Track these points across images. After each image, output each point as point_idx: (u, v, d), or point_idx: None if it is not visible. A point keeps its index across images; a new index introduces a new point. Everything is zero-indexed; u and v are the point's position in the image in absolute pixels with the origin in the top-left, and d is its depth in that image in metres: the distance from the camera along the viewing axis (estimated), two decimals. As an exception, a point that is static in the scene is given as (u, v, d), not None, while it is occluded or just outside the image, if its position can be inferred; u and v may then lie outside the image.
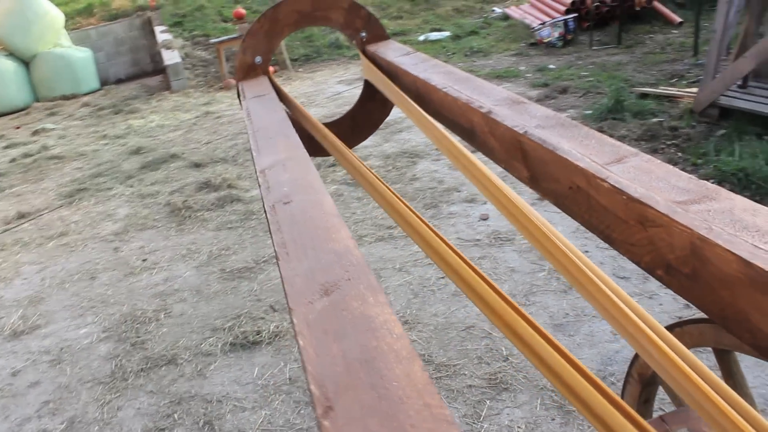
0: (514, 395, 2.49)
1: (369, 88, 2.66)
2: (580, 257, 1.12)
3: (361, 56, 2.60)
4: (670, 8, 8.97)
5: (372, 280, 0.89)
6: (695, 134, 4.53)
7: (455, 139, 1.63)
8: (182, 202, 4.89)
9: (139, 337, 3.28)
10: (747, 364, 1.75)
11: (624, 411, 0.80)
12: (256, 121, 1.92)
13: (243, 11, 9.70)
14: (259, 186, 1.41)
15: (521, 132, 1.30)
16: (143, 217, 4.81)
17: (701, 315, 1.05)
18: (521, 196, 1.34)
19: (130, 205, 5.11)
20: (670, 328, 1.37)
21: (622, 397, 1.75)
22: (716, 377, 0.93)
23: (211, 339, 3.15)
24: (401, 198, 1.56)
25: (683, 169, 3.53)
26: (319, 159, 5.29)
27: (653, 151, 4.38)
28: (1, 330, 3.55)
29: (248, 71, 2.49)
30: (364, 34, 2.57)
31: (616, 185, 1.01)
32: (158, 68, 10.57)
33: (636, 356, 1.56)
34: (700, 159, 4.12)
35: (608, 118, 5.06)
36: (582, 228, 1.29)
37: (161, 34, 10.51)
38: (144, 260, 4.12)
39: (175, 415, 2.68)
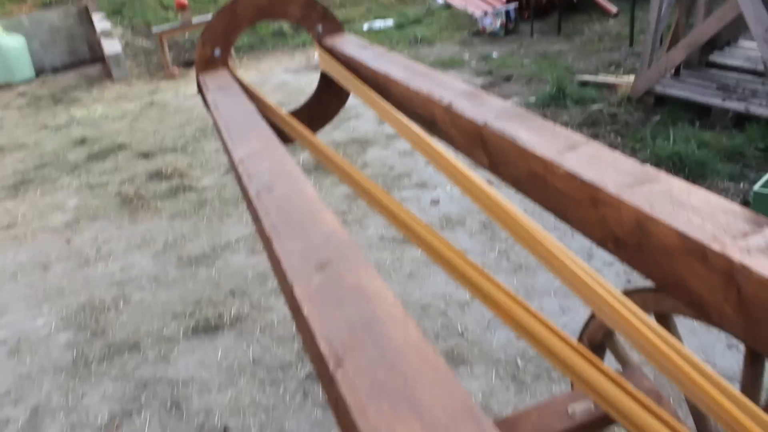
0: (470, 368, 2.64)
1: (325, 79, 2.76)
2: (538, 230, 1.25)
3: (318, 48, 2.68)
4: (607, -1, 9.26)
5: (360, 256, 1.00)
6: (633, 120, 4.76)
7: (416, 128, 1.74)
8: (133, 192, 4.88)
9: (98, 325, 3.30)
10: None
11: (582, 354, 0.94)
12: (224, 113, 2.00)
13: (185, 1, 9.58)
14: (238, 175, 1.50)
15: (481, 123, 1.43)
16: (94, 208, 4.78)
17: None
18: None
19: (79, 196, 5.07)
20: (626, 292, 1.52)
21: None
22: (665, 333, 1.06)
23: (173, 324, 3.20)
24: (365, 177, 1.68)
25: (623, 152, 3.76)
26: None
27: (594, 137, 4.59)
28: (-47, 323, 3.53)
29: (208, 63, 2.55)
30: (320, 28, 2.66)
31: (571, 171, 1.14)
32: (96, 57, 10.35)
33: (586, 324, 1.71)
34: (638, 144, 4.35)
35: (551, 105, 5.26)
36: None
37: (100, 22, 10.29)
38: (98, 250, 4.12)
39: (142, 398, 2.74)
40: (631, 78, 5.23)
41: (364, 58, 2.26)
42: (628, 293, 1.51)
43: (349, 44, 2.49)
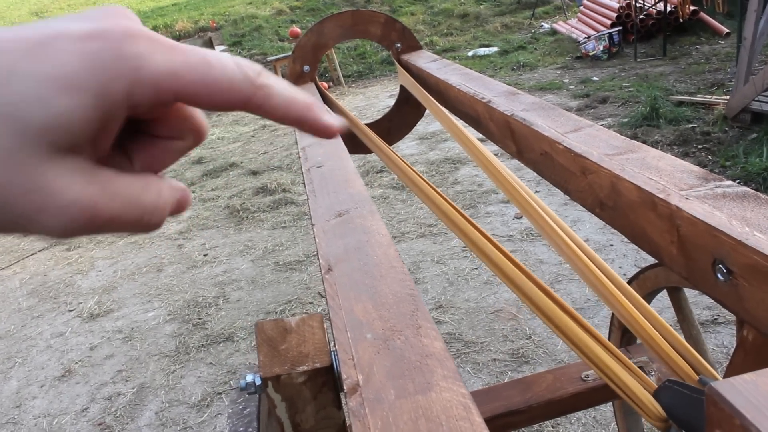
0: (533, 367, 2.75)
1: (404, 93, 2.99)
2: (567, 229, 1.39)
3: (396, 64, 2.92)
4: (718, 20, 9.05)
5: (373, 208, 1.20)
6: (726, 138, 4.70)
7: (466, 129, 1.93)
8: (240, 205, 5.29)
9: (200, 319, 3.65)
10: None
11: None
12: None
13: (298, 30, 10.16)
14: (299, 158, 1.74)
15: (509, 114, 1.60)
16: (204, 219, 5.22)
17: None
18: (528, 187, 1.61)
19: (193, 208, 5.54)
20: (636, 275, 1.64)
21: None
22: (662, 320, 1.16)
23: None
24: (441, 193, 1.84)
25: (711, 170, 3.79)
26: (368, 166, 5.63)
27: (684, 155, 4.57)
28: (79, 313, 3.98)
29: (297, 78, 2.84)
30: (398, 45, 2.90)
31: (568, 146, 1.30)
32: (219, 85, 11.15)
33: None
34: (729, 161, 4.30)
35: (643, 124, 5.26)
36: (609, 227, 1.56)
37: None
38: (205, 255, 4.52)
39: (231, 382, 3.03)
40: (728, 97, 5.14)
41: (431, 68, 2.47)
42: (643, 271, 1.63)
43: (421, 59, 2.71)
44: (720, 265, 0.88)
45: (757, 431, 0.41)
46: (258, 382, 0.77)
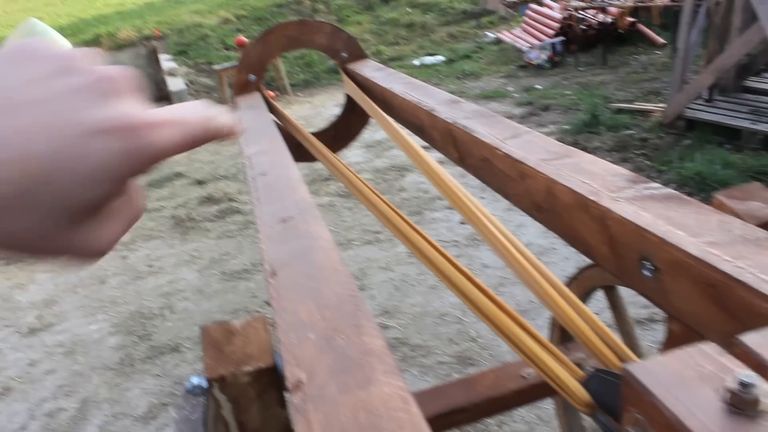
0: (479, 369, 2.80)
1: (349, 102, 3.02)
2: (508, 235, 1.43)
3: (342, 74, 2.95)
4: (655, 31, 9.35)
5: (316, 214, 1.22)
6: (663, 144, 4.87)
7: (411, 137, 1.97)
8: (186, 215, 5.23)
9: (146, 330, 3.59)
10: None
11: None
12: (246, 123, 2.26)
13: (245, 39, 10.10)
14: (245, 166, 1.75)
15: (451, 122, 1.64)
16: (149, 229, 5.14)
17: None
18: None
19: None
20: (575, 276, 1.70)
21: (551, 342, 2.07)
22: (594, 317, 1.21)
23: (212, 330, 3.46)
24: (386, 200, 1.87)
25: (648, 175, 3.93)
26: (314, 174, 5.63)
27: (623, 160, 4.72)
28: (18, 329, 3.87)
29: (243, 87, 2.84)
30: (344, 55, 2.92)
31: (507, 153, 1.34)
32: (163, 95, 10.98)
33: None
34: (664, 166, 4.45)
35: (584, 131, 5.41)
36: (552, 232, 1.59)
37: (166, 62, 10.94)
38: (150, 266, 4.45)
39: (178, 393, 3.00)
40: (664, 105, 5.33)
41: (376, 78, 2.50)
42: (580, 271, 1.69)
43: (366, 68, 2.74)
44: (646, 262, 0.93)
45: (664, 407, 0.44)
46: (204, 384, 0.78)
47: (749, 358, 0.49)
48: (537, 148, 1.33)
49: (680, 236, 0.86)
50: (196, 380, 0.81)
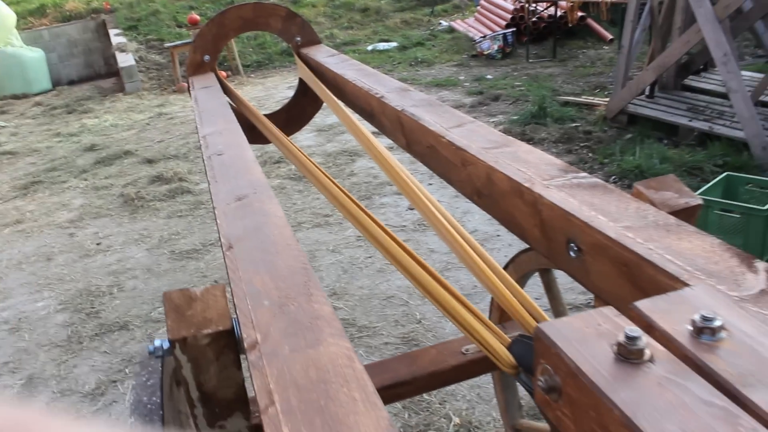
0: (423, 349, 2.90)
1: (302, 86, 3.07)
2: (452, 220, 1.52)
3: (296, 58, 2.99)
4: (604, 26, 9.59)
5: (270, 193, 1.28)
6: (606, 138, 5.05)
7: (361, 122, 2.04)
8: (135, 193, 5.20)
9: (93, 308, 3.59)
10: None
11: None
12: (201, 104, 2.30)
13: (197, 17, 9.98)
14: (200, 146, 1.80)
15: (400, 110, 1.72)
16: (97, 207, 5.10)
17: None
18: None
19: (85, 197, 5.39)
20: (512, 259, 1.80)
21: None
22: (525, 294, 1.30)
23: (161, 308, 3.49)
24: (337, 183, 1.93)
25: (591, 167, 4.06)
26: (265, 156, 5.65)
27: (568, 152, 4.88)
28: (-39, 304, 3.83)
29: (198, 68, 2.87)
30: (299, 39, 2.97)
31: (451, 140, 1.42)
32: (112, 71, 10.77)
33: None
34: (607, 159, 4.63)
35: (532, 122, 5.56)
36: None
37: (116, 37, 10.73)
38: (98, 244, 4.43)
39: (126, 370, 3.02)
40: (608, 99, 5.51)
41: (329, 63, 2.56)
42: (517, 255, 1.80)
43: (320, 53, 2.80)
44: (572, 244, 1.03)
45: (566, 356, 0.53)
46: (166, 345, 0.85)
47: (640, 320, 0.59)
48: (479, 137, 1.42)
49: (601, 221, 0.96)
50: (158, 342, 0.87)
